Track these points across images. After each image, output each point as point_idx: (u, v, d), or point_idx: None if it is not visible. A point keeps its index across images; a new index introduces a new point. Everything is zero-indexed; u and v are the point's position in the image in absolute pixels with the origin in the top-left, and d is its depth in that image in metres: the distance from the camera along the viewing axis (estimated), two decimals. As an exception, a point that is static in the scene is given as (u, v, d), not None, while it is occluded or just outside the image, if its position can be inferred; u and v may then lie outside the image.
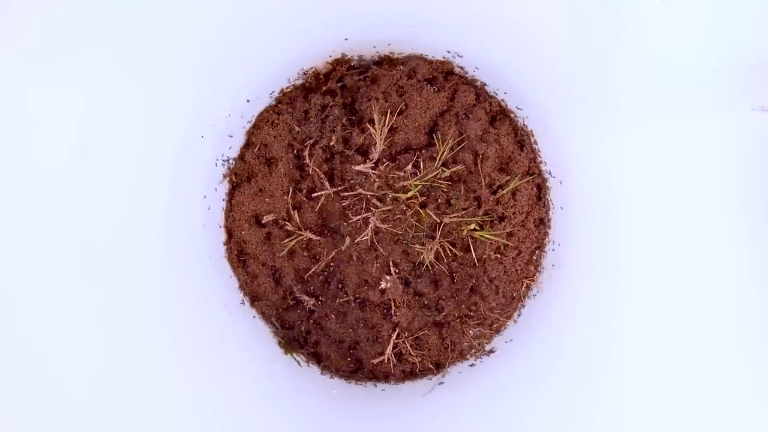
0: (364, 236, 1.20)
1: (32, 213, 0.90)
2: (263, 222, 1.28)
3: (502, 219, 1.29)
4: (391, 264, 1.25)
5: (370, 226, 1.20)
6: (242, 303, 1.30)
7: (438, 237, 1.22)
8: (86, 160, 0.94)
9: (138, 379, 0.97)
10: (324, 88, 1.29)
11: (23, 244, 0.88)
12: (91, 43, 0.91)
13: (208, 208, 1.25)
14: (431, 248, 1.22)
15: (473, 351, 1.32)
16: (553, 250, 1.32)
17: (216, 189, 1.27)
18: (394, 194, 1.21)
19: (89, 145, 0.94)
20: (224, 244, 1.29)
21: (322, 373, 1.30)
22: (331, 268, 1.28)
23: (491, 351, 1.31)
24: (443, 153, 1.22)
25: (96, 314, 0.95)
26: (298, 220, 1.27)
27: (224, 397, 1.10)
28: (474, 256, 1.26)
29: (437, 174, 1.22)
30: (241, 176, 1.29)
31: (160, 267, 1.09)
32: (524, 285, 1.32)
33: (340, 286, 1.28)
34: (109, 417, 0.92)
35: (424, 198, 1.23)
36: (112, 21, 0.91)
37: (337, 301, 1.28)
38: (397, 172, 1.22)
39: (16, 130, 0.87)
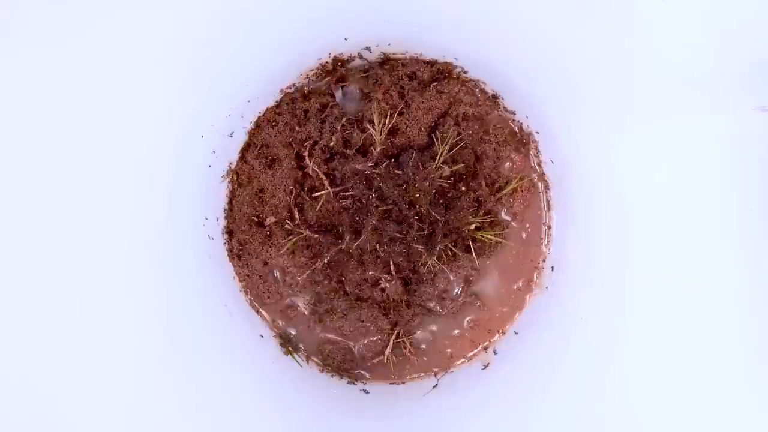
0: (364, 236, 1.20)
1: (32, 212, 0.90)
2: (264, 222, 1.29)
3: (502, 219, 1.29)
4: (391, 263, 1.25)
5: (370, 225, 1.20)
6: (242, 303, 1.30)
7: (438, 237, 1.22)
8: (86, 160, 0.94)
9: (138, 379, 0.97)
10: (324, 88, 1.29)
11: (23, 244, 0.88)
12: (91, 44, 0.91)
13: (209, 207, 1.25)
14: (431, 248, 1.22)
15: (473, 351, 1.32)
16: (553, 251, 1.31)
17: (216, 189, 1.27)
18: (395, 194, 1.21)
19: (89, 144, 0.94)
20: (224, 244, 1.29)
21: (321, 373, 1.30)
22: (332, 268, 1.28)
23: (491, 351, 1.31)
24: (443, 153, 1.23)
25: (96, 314, 0.95)
26: (298, 220, 1.27)
27: (224, 397, 1.10)
28: (474, 255, 1.26)
29: (438, 174, 1.22)
30: (241, 176, 1.29)
31: (160, 267, 1.10)
32: (525, 285, 1.32)
33: (340, 285, 1.28)
34: (109, 417, 0.92)
35: (425, 198, 1.23)
36: (112, 21, 0.91)
37: (338, 300, 1.28)
38: (398, 172, 1.22)
39: (17, 128, 0.87)
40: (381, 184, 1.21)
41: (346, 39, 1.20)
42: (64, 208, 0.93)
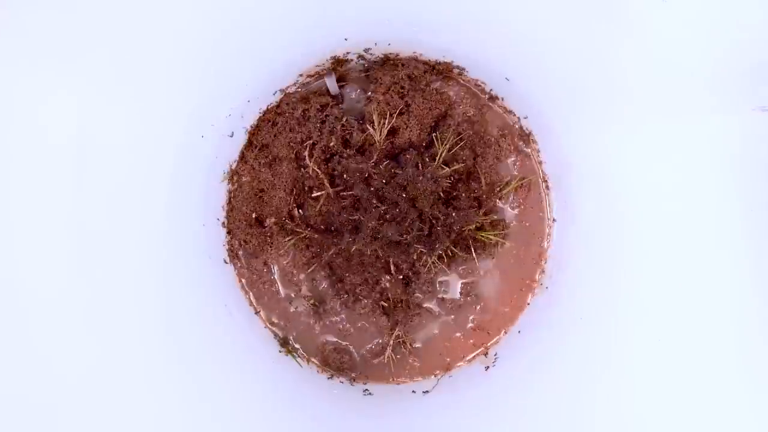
0: (364, 236, 1.20)
1: (32, 213, 0.90)
2: (264, 222, 1.29)
3: (502, 219, 1.30)
4: (391, 263, 1.25)
5: (370, 225, 1.20)
6: (242, 303, 1.30)
7: (438, 237, 1.22)
8: (86, 161, 0.94)
9: (138, 379, 0.97)
10: (324, 88, 1.29)
11: (23, 244, 0.88)
12: (92, 43, 0.91)
13: (209, 208, 1.25)
14: (432, 248, 1.22)
15: (474, 351, 1.32)
16: (553, 251, 1.31)
17: (216, 189, 1.27)
18: (394, 194, 1.21)
19: (89, 145, 0.94)
20: (224, 244, 1.29)
21: (321, 373, 1.30)
22: (332, 268, 1.28)
23: (492, 351, 1.31)
24: (443, 153, 1.23)
25: (96, 314, 0.95)
26: (298, 220, 1.27)
27: (224, 397, 1.10)
28: (475, 256, 1.26)
29: (438, 174, 1.22)
30: (241, 176, 1.29)
31: (161, 267, 1.10)
32: (525, 285, 1.32)
33: (340, 285, 1.28)
34: (109, 417, 0.92)
35: (425, 198, 1.23)
36: (113, 21, 0.91)
37: (337, 300, 1.28)
38: (397, 172, 1.22)
39: (17, 128, 0.87)
40: (381, 184, 1.21)
41: (346, 39, 1.20)
42: (64, 208, 0.93)
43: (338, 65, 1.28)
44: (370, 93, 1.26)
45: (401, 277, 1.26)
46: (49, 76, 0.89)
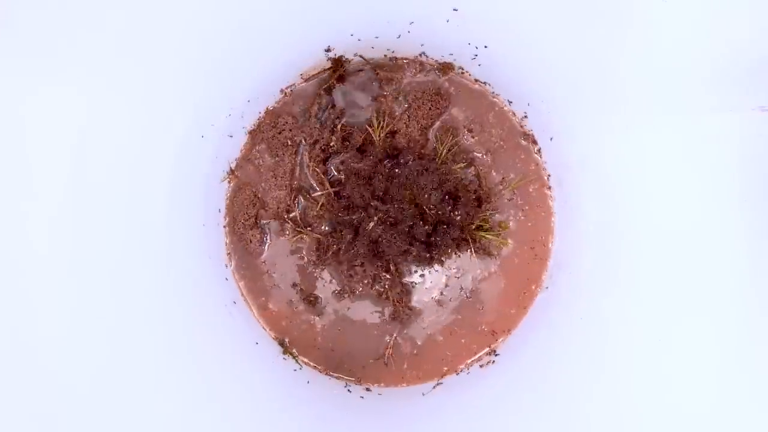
0: (364, 236, 1.20)
1: (32, 213, 0.90)
2: (264, 222, 1.29)
3: (503, 219, 1.29)
4: (391, 263, 1.25)
5: (370, 225, 1.19)
6: (242, 303, 1.30)
7: (439, 237, 1.22)
8: (86, 160, 0.94)
9: (137, 380, 0.97)
10: (324, 87, 1.29)
11: (23, 245, 0.88)
12: (92, 43, 0.91)
13: (209, 208, 1.25)
14: (432, 248, 1.22)
15: (475, 351, 1.32)
16: (554, 251, 1.31)
17: (216, 189, 1.27)
18: (394, 194, 1.21)
19: (89, 144, 0.94)
20: (224, 244, 1.29)
21: (321, 374, 1.30)
22: (332, 268, 1.28)
23: (492, 351, 1.31)
24: (443, 153, 1.23)
25: (96, 315, 0.95)
26: (298, 220, 1.27)
27: (224, 398, 1.10)
28: (475, 256, 1.26)
29: (438, 174, 1.22)
30: (241, 176, 1.29)
31: (160, 267, 1.09)
32: (526, 285, 1.32)
33: (340, 285, 1.28)
34: (110, 418, 0.92)
35: (424, 198, 1.23)
36: (113, 21, 0.91)
37: (337, 300, 1.28)
38: (397, 171, 1.22)
39: (17, 128, 0.87)
40: (381, 184, 1.21)
41: (352, 35, 1.20)
42: (64, 208, 0.93)
43: (338, 65, 1.28)
44: (370, 93, 1.26)
45: (400, 276, 1.26)
46: (49, 76, 0.88)
